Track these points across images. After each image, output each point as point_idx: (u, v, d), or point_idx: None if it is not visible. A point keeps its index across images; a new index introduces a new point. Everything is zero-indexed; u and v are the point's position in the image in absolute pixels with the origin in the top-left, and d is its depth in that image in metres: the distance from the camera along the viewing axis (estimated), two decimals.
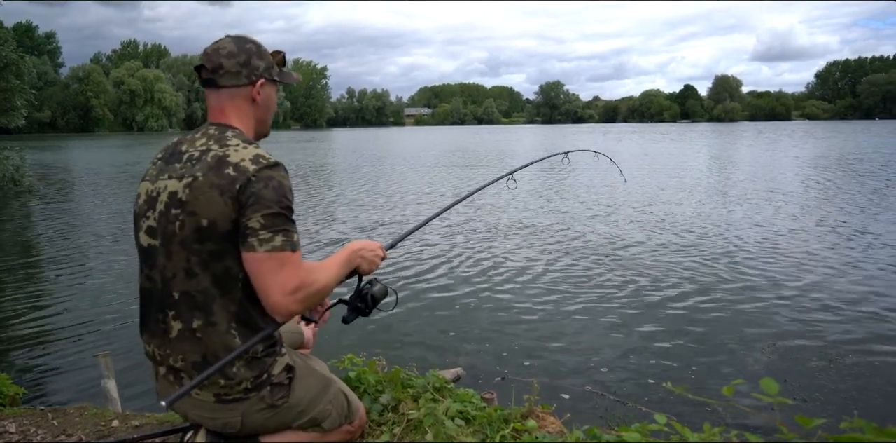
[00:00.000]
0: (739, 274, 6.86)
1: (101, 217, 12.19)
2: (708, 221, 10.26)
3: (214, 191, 1.46)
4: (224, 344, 1.51)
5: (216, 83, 1.61)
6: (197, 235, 1.48)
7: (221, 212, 1.46)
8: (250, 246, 1.45)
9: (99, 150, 42.06)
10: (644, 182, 16.34)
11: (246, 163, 1.48)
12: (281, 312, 1.51)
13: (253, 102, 1.64)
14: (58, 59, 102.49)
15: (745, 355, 4.64)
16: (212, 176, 1.47)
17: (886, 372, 4.28)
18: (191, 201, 1.48)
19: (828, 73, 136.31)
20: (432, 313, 5.74)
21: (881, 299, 5.89)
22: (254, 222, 1.44)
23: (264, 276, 1.45)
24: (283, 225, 1.47)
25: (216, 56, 1.60)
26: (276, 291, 1.46)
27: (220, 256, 1.49)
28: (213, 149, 1.53)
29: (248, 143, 1.56)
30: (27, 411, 2.75)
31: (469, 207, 12.31)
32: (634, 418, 3.52)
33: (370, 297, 1.77)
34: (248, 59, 1.60)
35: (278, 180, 1.49)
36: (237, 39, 1.63)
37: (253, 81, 1.61)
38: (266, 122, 1.72)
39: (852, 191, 13.96)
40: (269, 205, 1.45)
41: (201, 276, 1.49)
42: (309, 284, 1.50)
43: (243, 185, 1.45)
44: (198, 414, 1.59)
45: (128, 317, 5.71)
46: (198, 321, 1.50)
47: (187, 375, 1.54)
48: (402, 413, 2.18)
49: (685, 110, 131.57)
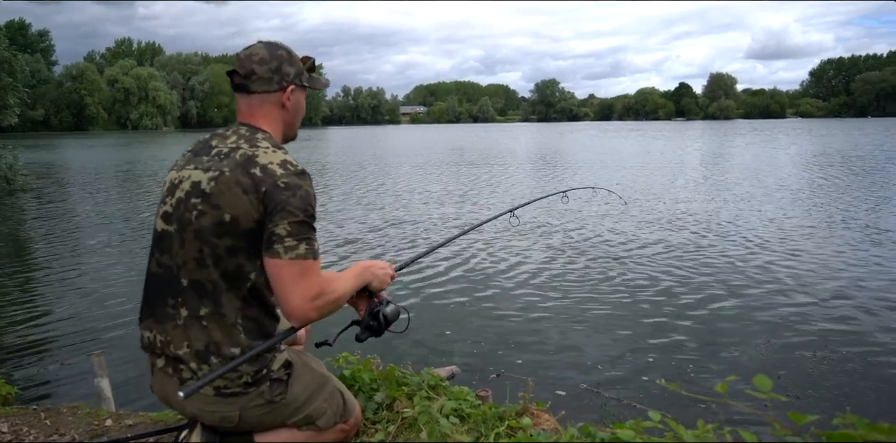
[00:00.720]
0: (733, 271, 6.88)
1: (94, 216, 12.14)
2: (701, 219, 10.29)
3: (238, 188, 1.50)
4: (230, 336, 1.53)
5: (248, 89, 1.64)
6: (217, 228, 1.51)
7: (246, 210, 1.49)
8: (275, 252, 1.48)
9: (93, 149, 41.90)
10: (641, 181, 16.37)
11: (274, 166, 1.52)
12: (299, 318, 1.53)
13: (282, 107, 1.67)
14: (51, 57, 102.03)
15: (740, 351, 4.65)
16: (238, 173, 1.51)
17: (879, 369, 4.30)
18: (215, 194, 1.51)
19: (822, 71, 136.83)
20: (427, 311, 5.73)
21: (875, 296, 5.91)
22: (280, 230, 1.48)
23: (286, 282, 1.49)
24: (307, 233, 1.51)
25: (248, 62, 1.63)
26: (296, 297, 1.49)
27: (235, 253, 1.52)
28: (243, 147, 1.57)
29: (277, 147, 1.60)
30: (20, 411, 2.74)
31: (466, 205, 12.31)
32: (629, 415, 3.53)
33: (382, 316, 1.81)
34: (279, 66, 1.64)
35: (305, 189, 1.53)
36: (269, 46, 1.66)
37: (283, 87, 1.65)
38: (294, 126, 1.76)
39: (849, 189, 14.01)
40: (297, 213, 1.49)
41: (211, 268, 1.52)
42: (328, 292, 1.55)
43: (270, 189, 1.49)
44: (197, 408, 1.59)
45: (122, 316, 5.69)
46: (205, 309, 1.53)
47: (188, 364, 1.54)
48: (397, 411, 2.18)
49: (680, 108, 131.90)
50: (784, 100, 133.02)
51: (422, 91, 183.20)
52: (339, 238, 9.32)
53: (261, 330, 1.58)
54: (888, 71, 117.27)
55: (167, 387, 1.60)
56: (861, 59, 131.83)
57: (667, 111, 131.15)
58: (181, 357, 1.54)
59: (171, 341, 1.56)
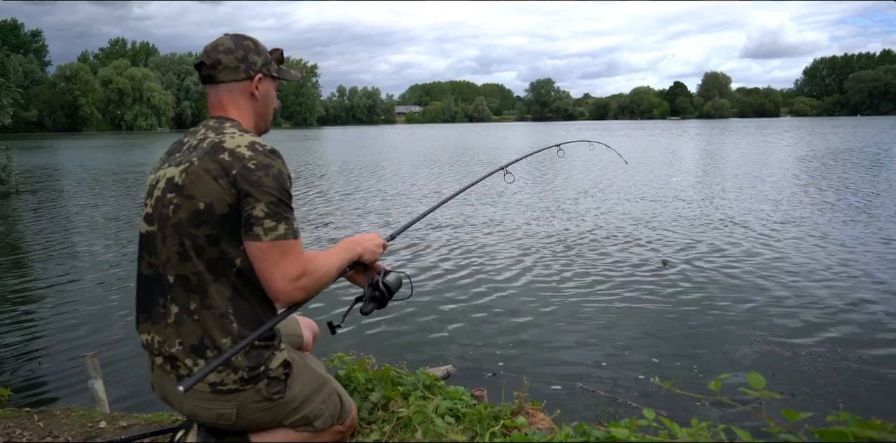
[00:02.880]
0: (729, 270, 6.90)
1: (88, 218, 12.09)
2: (698, 218, 10.31)
3: (208, 175, 1.49)
4: (221, 327, 1.52)
5: (215, 79, 1.65)
6: (194, 218, 1.50)
7: (219, 196, 1.48)
8: (255, 235, 1.48)
9: (87, 150, 41.72)
10: (637, 179, 16.40)
11: (242, 149, 1.51)
12: (284, 299, 1.54)
13: (251, 97, 1.68)
14: (44, 58, 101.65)
15: (734, 349, 4.66)
16: (207, 161, 1.51)
17: (873, 367, 4.32)
18: (187, 185, 1.51)
19: (815, 70, 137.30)
20: (422, 311, 5.73)
21: (870, 295, 5.94)
22: (258, 211, 1.47)
23: (268, 263, 1.49)
24: (284, 213, 1.51)
25: (214, 52, 1.64)
26: (279, 278, 1.49)
27: (217, 241, 1.51)
28: (210, 136, 1.57)
29: (245, 131, 1.60)
30: (12, 413, 2.72)
31: (460, 205, 12.31)
32: (624, 413, 3.54)
33: (383, 285, 1.79)
34: (245, 55, 1.65)
35: (277, 168, 1.52)
36: (235, 37, 1.67)
37: (251, 76, 1.66)
38: (266, 116, 1.76)
39: (846, 188, 14.07)
40: (272, 193, 1.49)
41: (195, 260, 1.51)
42: (311, 271, 1.54)
43: (240, 171, 1.48)
44: (194, 405, 1.58)
45: (116, 317, 5.67)
46: (194, 303, 1.52)
47: (183, 361, 1.54)
48: (392, 411, 2.18)
49: (675, 107, 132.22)
50: (778, 98, 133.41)
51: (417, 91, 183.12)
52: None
53: (255, 319, 1.56)
54: (881, 70, 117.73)
55: (166, 384, 1.60)
56: (854, 57, 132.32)
57: (661, 110, 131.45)
58: (175, 355, 1.54)
59: (165, 341, 1.56)
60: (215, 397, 1.55)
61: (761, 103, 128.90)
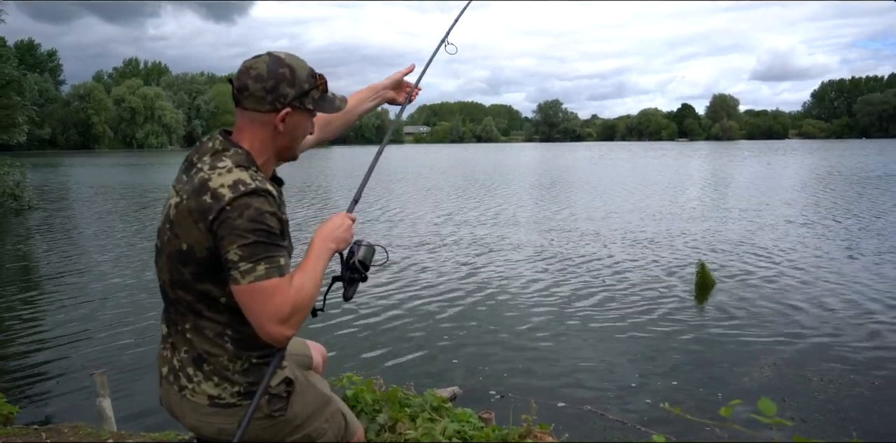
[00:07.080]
0: (739, 293, 6.85)
1: (99, 235, 12.17)
2: (705, 240, 10.27)
3: (191, 218, 1.45)
4: (217, 347, 1.52)
5: (240, 103, 1.55)
6: (179, 256, 1.49)
7: (197, 239, 1.45)
8: (234, 279, 1.42)
9: (99, 167, 42.15)
10: (646, 202, 16.38)
11: (223, 189, 1.44)
12: (278, 340, 1.46)
13: (274, 129, 1.55)
14: (59, 77, 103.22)
15: (744, 375, 4.61)
16: (192, 201, 1.46)
17: (885, 393, 4.26)
18: (175, 223, 1.49)
19: (824, 93, 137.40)
20: (429, 331, 5.71)
21: (883, 320, 5.88)
22: (232, 255, 1.41)
23: (254, 307, 1.42)
24: (262, 253, 1.42)
25: (245, 76, 1.52)
26: (268, 322, 1.42)
27: (202, 279, 1.50)
28: (203, 169, 1.50)
29: (238, 165, 1.50)
30: (21, 430, 2.72)
31: (461, 224, 12.32)
32: (633, 438, 3.50)
33: (358, 263, 1.72)
34: (275, 86, 1.51)
35: (255, 207, 1.43)
36: (273, 61, 1.54)
37: (277, 109, 1.53)
38: (290, 149, 1.65)
39: (856, 210, 13.99)
40: (245, 235, 1.41)
41: (184, 291, 1.52)
42: (301, 305, 1.46)
43: (216, 215, 1.42)
44: (196, 419, 1.58)
45: (124, 336, 5.68)
46: (189, 324, 1.54)
47: (184, 372, 1.55)
48: (400, 433, 2.17)
49: (683, 129, 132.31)
50: (787, 121, 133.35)
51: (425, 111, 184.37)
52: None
53: (251, 340, 1.53)
54: (890, 93, 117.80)
55: (171, 396, 1.61)
56: (863, 80, 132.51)
57: (669, 132, 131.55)
58: (177, 365, 1.56)
59: (175, 347, 1.58)
60: (216, 412, 1.55)
61: (769, 125, 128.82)
